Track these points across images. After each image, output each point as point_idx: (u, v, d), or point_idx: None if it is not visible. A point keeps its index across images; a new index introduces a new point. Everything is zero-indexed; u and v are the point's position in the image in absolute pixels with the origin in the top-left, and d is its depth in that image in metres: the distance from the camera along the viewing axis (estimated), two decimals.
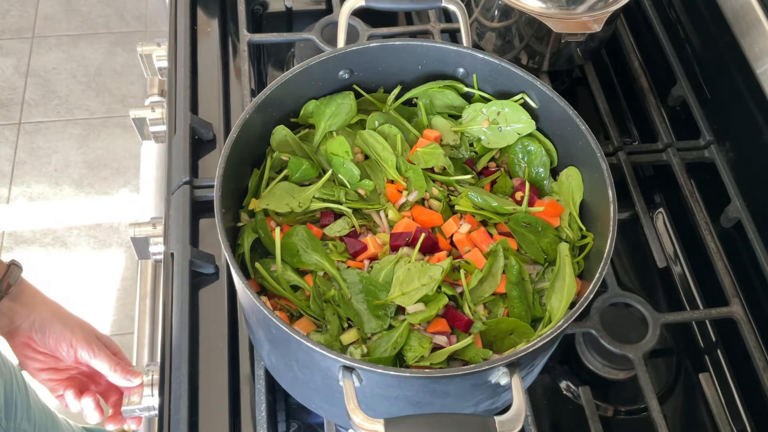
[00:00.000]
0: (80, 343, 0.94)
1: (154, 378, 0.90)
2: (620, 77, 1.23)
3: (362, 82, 0.90)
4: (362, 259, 0.80)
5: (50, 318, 0.93)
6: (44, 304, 0.94)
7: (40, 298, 0.94)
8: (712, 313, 0.96)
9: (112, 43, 2.70)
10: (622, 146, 1.08)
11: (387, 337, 0.74)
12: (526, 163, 0.87)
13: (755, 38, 0.98)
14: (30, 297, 0.93)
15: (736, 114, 1.05)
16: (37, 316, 0.92)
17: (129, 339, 2.10)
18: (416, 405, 0.70)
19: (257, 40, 1.13)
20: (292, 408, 0.90)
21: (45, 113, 2.50)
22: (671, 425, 0.92)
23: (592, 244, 0.80)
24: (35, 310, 0.92)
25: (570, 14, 1.03)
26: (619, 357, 0.90)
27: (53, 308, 0.94)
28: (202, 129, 1.04)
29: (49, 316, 0.93)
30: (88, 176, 2.37)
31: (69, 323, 0.94)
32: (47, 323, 0.93)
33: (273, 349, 0.76)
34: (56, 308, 0.95)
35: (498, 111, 0.87)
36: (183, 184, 0.98)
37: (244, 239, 0.79)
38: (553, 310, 0.77)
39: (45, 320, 0.93)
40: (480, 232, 0.81)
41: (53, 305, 0.95)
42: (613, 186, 0.75)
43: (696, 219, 1.03)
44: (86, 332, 0.95)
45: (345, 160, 0.84)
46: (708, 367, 0.99)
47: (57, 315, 0.94)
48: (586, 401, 0.89)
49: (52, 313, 0.93)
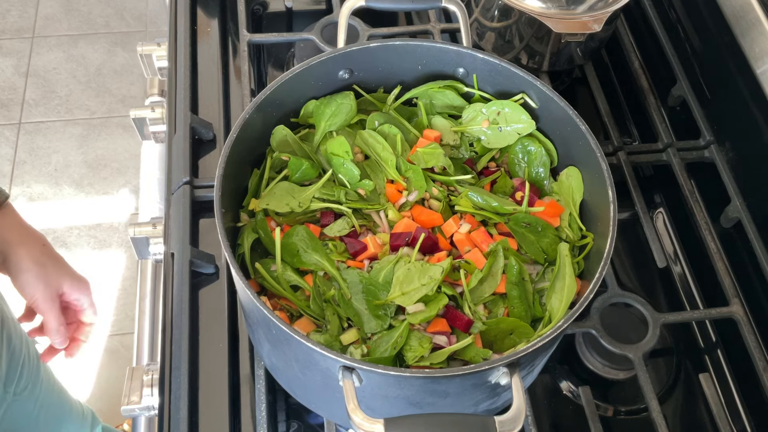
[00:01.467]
0: (39, 302, 0.94)
1: (154, 378, 0.90)
2: (620, 77, 1.23)
3: (362, 82, 0.90)
4: (362, 259, 0.80)
5: (16, 265, 0.93)
6: (20, 245, 0.93)
7: (16, 236, 0.94)
8: (712, 313, 0.96)
9: (112, 43, 2.70)
10: (622, 146, 1.08)
11: (387, 337, 0.74)
12: (526, 163, 0.87)
13: (755, 38, 0.98)
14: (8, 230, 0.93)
15: (736, 114, 1.05)
16: (11, 256, 0.92)
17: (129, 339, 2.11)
18: (416, 405, 0.70)
19: (257, 40, 1.13)
20: (292, 408, 0.90)
21: (45, 113, 2.50)
22: (671, 425, 0.92)
23: (592, 244, 0.80)
24: (10, 250, 0.92)
25: (570, 14, 1.03)
26: (619, 357, 0.90)
27: (27, 255, 0.93)
28: (202, 129, 1.04)
29: (17, 262, 0.93)
30: (88, 176, 2.37)
31: (36, 279, 0.93)
32: (12, 267, 0.93)
33: (273, 349, 0.76)
34: (26, 254, 0.94)
35: (498, 111, 0.87)
36: (183, 184, 0.98)
37: (244, 239, 0.79)
38: (553, 310, 0.77)
39: (12, 263, 0.93)
40: (480, 232, 0.81)
41: (29, 250, 0.94)
42: (613, 186, 0.75)
43: (696, 219, 1.03)
44: (51, 291, 0.95)
45: (345, 160, 0.84)
46: (708, 367, 0.99)
47: (25, 262, 0.93)
48: (586, 401, 0.89)
49: (21, 259, 0.93)
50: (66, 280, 0.97)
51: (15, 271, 0.93)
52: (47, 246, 0.97)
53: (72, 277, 0.98)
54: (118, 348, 2.05)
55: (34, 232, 0.97)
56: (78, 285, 0.98)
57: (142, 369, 0.93)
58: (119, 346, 2.06)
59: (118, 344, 2.06)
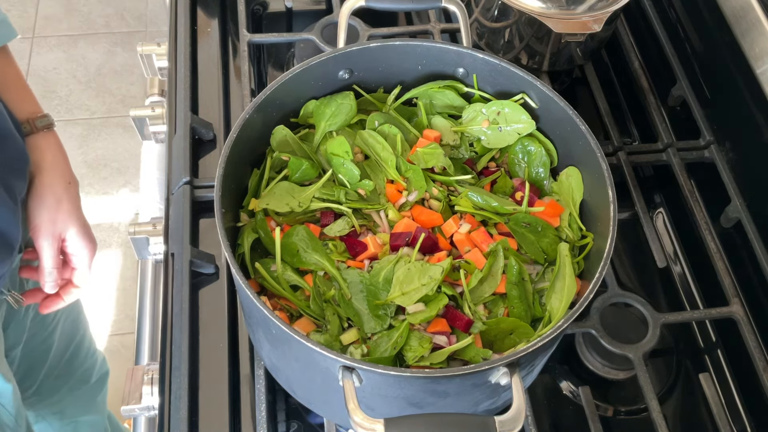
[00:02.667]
0: (40, 236, 0.93)
1: (154, 378, 0.90)
2: (620, 77, 1.23)
3: (362, 82, 0.90)
4: (362, 259, 0.80)
5: (34, 188, 0.92)
6: (47, 171, 0.93)
7: (48, 162, 0.94)
8: (712, 313, 0.96)
9: (112, 43, 2.70)
10: (622, 146, 1.08)
11: (387, 337, 0.74)
12: (526, 163, 0.87)
13: (755, 38, 0.98)
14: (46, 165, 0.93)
15: (736, 114, 1.05)
16: (35, 179, 0.92)
17: (129, 339, 2.11)
18: (416, 405, 0.70)
19: (257, 40, 1.13)
20: (292, 408, 0.90)
21: None
22: (671, 425, 0.92)
23: (592, 244, 0.80)
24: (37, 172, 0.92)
25: (570, 14, 1.03)
26: (619, 357, 0.90)
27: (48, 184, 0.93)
28: (202, 129, 1.04)
29: (36, 185, 0.92)
30: (88, 176, 2.37)
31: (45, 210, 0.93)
32: (31, 188, 0.92)
33: (273, 349, 0.76)
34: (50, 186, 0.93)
35: (498, 111, 0.87)
36: (183, 184, 0.98)
37: (244, 239, 0.79)
38: (553, 310, 0.77)
39: (34, 189, 0.92)
40: (480, 232, 0.81)
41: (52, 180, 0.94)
42: (613, 186, 0.75)
43: (696, 219, 1.03)
44: (55, 228, 0.93)
45: (345, 160, 0.84)
46: (708, 367, 0.99)
47: (42, 188, 0.93)
48: (586, 401, 0.89)
49: (41, 184, 0.93)
50: (74, 227, 0.95)
51: (31, 194, 0.92)
52: (73, 185, 0.96)
53: (82, 227, 0.96)
54: (118, 348, 2.05)
55: (67, 167, 0.97)
56: (84, 238, 0.96)
57: (142, 369, 0.93)
58: (119, 346, 2.06)
59: (118, 344, 2.06)
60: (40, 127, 0.95)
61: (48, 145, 0.96)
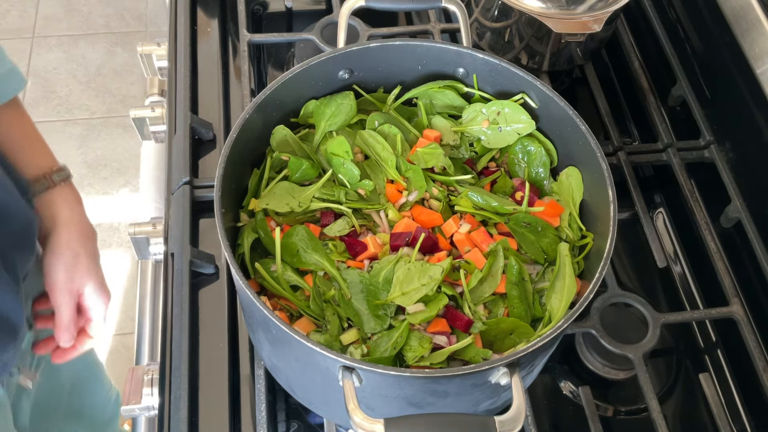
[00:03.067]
0: (57, 292, 0.91)
1: (154, 378, 0.90)
2: (620, 77, 1.23)
3: (362, 82, 0.90)
4: (362, 259, 0.80)
5: (51, 244, 0.90)
6: (64, 227, 0.91)
7: (65, 217, 0.91)
8: (712, 313, 0.96)
9: (112, 43, 2.70)
10: (622, 146, 1.08)
11: (387, 337, 0.74)
12: (526, 163, 0.87)
13: (755, 38, 0.98)
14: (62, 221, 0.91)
15: (736, 114, 1.05)
16: (52, 235, 0.90)
17: (129, 339, 2.11)
18: (416, 405, 0.70)
19: (257, 40, 1.13)
20: (292, 408, 0.90)
21: (45, 113, 2.50)
22: (671, 425, 0.92)
23: (592, 244, 0.80)
24: (53, 228, 0.90)
25: (570, 14, 1.03)
26: (619, 357, 0.90)
27: (65, 240, 0.91)
28: (202, 129, 1.04)
29: (53, 242, 0.90)
30: (88, 176, 2.37)
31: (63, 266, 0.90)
32: (48, 244, 0.90)
33: (273, 350, 0.76)
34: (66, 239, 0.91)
35: (498, 111, 0.87)
36: (183, 184, 0.98)
37: (244, 239, 0.79)
38: (553, 310, 0.77)
39: (49, 240, 0.90)
40: (480, 232, 0.81)
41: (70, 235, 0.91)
42: (613, 186, 0.75)
43: (696, 219, 1.03)
44: (72, 285, 0.91)
45: (345, 160, 0.84)
46: (708, 367, 0.99)
47: (60, 246, 0.90)
48: (586, 401, 0.89)
49: (57, 241, 0.90)
50: (92, 282, 0.93)
51: (48, 251, 0.91)
52: (91, 240, 0.95)
53: (99, 282, 0.95)
54: (118, 348, 2.05)
55: (85, 221, 0.94)
56: (100, 293, 0.95)
57: (142, 369, 0.93)
58: (119, 346, 2.05)
59: (118, 344, 2.06)
60: (58, 181, 0.92)
61: (65, 200, 0.93)
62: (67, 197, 0.93)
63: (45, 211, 0.91)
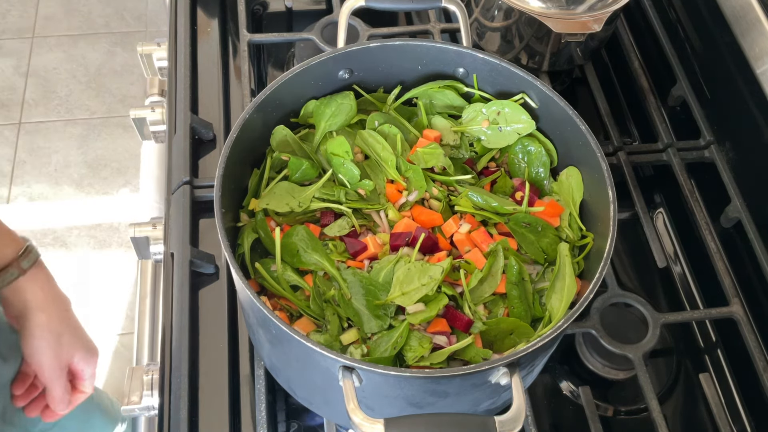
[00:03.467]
0: (46, 372, 0.89)
1: (154, 378, 0.90)
2: (620, 77, 1.23)
3: (362, 82, 0.90)
4: (362, 259, 0.80)
5: (30, 331, 0.87)
6: (41, 310, 0.87)
7: (39, 301, 0.88)
8: (712, 313, 0.96)
9: (112, 43, 2.70)
10: (622, 146, 1.08)
11: (387, 337, 0.74)
12: (526, 163, 0.87)
13: (755, 38, 0.98)
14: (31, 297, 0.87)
15: (736, 114, 1.05)
16: (28, 320, 0.87)
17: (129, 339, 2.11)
18: (416, 405, 0.70)
19: (257, 40, 1.13)
20: (292, 408, 0.90)
21: (45, 113, 2.50)
22: (671, 425, 0.92)
23: (592, 244, 0.80)
24: (29, 313, 0.87)
25: (570, 14, 1.03)
26: (619, 357, 0.90)
27: (45, 323, 0.87)
28: (202, 129, 1.04)
29: (32, 328, 0.87)
30: (88, 176, 2.37)
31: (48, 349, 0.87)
32: (26, 332, 0.87)
33: (273, 349, 0.76)
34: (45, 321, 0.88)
35: (498, 111, 0.87)
36: (183, 184, 0.98)
37: (244, 239, 0.79)
38: (553, 310, 0.77)
39: (27, 328, 0.87)
40: (480, 232, 0.81)
41: (49, 317, 0.88)
42: (613, 186, 0.75)
43: (696, 219, 1.03)
44: (61, 362, 0.89)
45: (345, 160, 0.84)
46: (708, 367, 0.99)
47: (40, 329, 0.87)
48: (586, 401, 0.89)
49: (36, 325, 0.87)
50: (79, 352, 0.91)
51: (28, 336, 0.87)
52: (69, 312, 0.91)
53: (85, 348, 0.92)
54: (119, 348, 2.05)
55: (60, 295, 0.90)
56: (88, 357, 0.93)
57: (142, 369, 0.93)
58: (119, 346, 2.05)
59: (118, 344, 2.06)
60: (27, 267, 0.86)
61: (38, 282, 0.88)
62: (38, 279, 0.88)
63: (16, 297, 0.87)
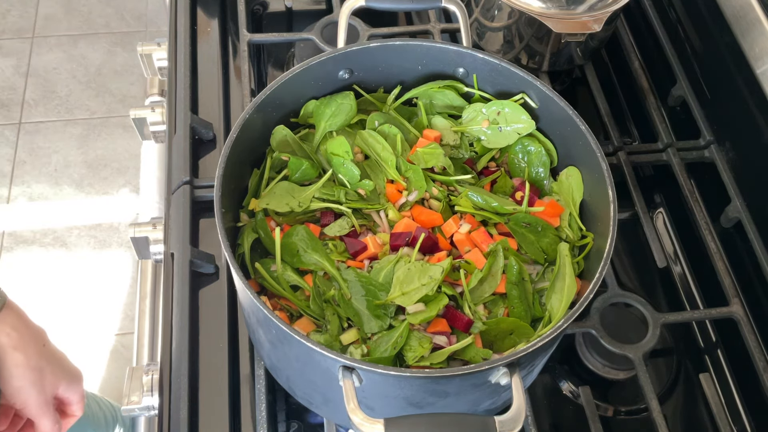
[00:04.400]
0: (33, 408, 0.84)
1: (154, 378, 0.90)
2: (620, 77, 1.23)
3: (362, 82, 0.90)
4: (362, 259, 0.80)
5: (9, 372, 0.82)
6: (17, 350, 0.83)
7: (14, 340, 0.83)
8: (712, 313, 0.96)
9: (112, 43, 2.70)
10: (622, 146, 1.08)
11: (387, 337, 0.74)
12: (526, 163, 0.87)
13: (755, 38, 0.98)
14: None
15: (736, 114, 1.05)
16: (5, 362, 0.82)
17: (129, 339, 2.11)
18: (416, 405, 0.70)
19: (257, 40, 1.13)
20: (292, 408, 0.90)
21: (45, 113, 2.50)
22: (671, 425, 0.92)
23: (592, 244, 0.80)
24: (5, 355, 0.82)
25: (570, 14, 1.03)
26: (619, 357, 0.90)
27: (23, 362, 0.83)
28: (202, 129, 1.04)
29: (10, 369, 0.82)
30: (88, 176, 2.37)
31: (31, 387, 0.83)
32: (4, 374, 0.82)
33: (273, 349, 0.76)
34: (22, 360, 0.83)
35: (498, 111, 0.87)
36: (183, 184, 0.98)
37: (244, 239, 0.79)
38: (553, 310, 0.77)
39: (3, 369, 0.82)
40: (480, 232, 0.81)
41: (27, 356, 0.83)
42: (613, 186, 0.75)
43: (696, 219, 1.03)
44: (46, 396, 0.85)
45: (345, 160, 0.84)
46: (708, 367, 0.99)
47: (19, 369, 0.83)
48: (586, 401, 0.89)
49: (14, 365, 0.82)
50: (62, 382, 0.87)
51: (9, 378, 0.82)
52: (47, 345, 0.87)
53: (69, 376, 0.89)
54: (119, 348, 2.05)
55: (35, 330, 0.86)
56: (73, 385, 0.90)
57: (142, 369, 0.93)
58: (119, 346, 2.06)
59: (118, 344, 2.06)
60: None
61: (10, 323, 0.83)
62: (9, 320, 0.83)
63: None
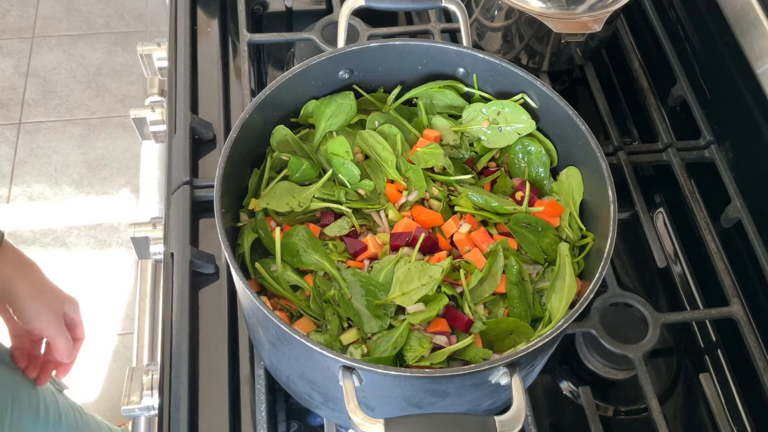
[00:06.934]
0: (49, 330, 0.95)
1: (154, 378, 0.90)
2: (620, 77, 1.23)
3: (362, 82, 0.90)
4: (362, 259, 0.80)
5: (22, 299, 0.92)
6: (21, 280, 0.93)
7: (17, 272, 0.93)
8: (712, 313, 0.96)
9: (112, 43, 2.70)
10: (622, 146, 1.08)
11: (387, 337, 0.74)
12: (526, 163, 0.87)
13: (755, 38, 0.98)
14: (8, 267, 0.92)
15: (736, 114, 1.05)
16: (14, 292, 0.92)
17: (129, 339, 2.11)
18: (416, 405, 0.70)
19: (257, 40, 1.13)
20: (292, 408, 0.90)
21: (45, 113, 2.50)
22: (671, 425, 0.92)
23: (592, 244, 0.80)
24: (12, 285, 0.92)
25: (570, 14, 1.03)
26: (619, 357, 0.90)
27: (30, 289, 0.93)
28: (202, 129, 1.04)
29: (22, 296, 0.92)
30: (88, 176, 2.37)
31: (44, 310, 0.94)
32: (18, 302, 0.92)
33: (273, 349, 0.76)
34: (30, 287, 0.94)
35: (498, 111, 0.87)
36: (183, 184, 0.98)
37: (244, 239, 0.79)
38: (553, 310, 0.77)
39: (17, 298, 0.92)
40: (480, 232, 0.81)
41: (32, 283, 0.94)
42: (613, 186, 0.75)
43: (696, 219, 1.03)
44: (56, 316, 0.96)
45: (345, 160, 0.84)
46: (708, 367, 0.99)
47: (30, 295, 0.93)
48: (586, 401, 0.89)
49: (25, 293, 0.93)
50: (65, 303, 0.98)
51: (22, 304, 0.93)
52: (42, 273, 0.98)
53: (68, 298, 0.99)
54: (119, 348, 2.05)
55: (30, 261, 0.97)
56: (74, 305, 1.00)
57: (142, 369, 0.93)
58: (119, 346, 2.06)
59: (118, 344, 2.06)
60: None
61: (10, 257, 0.93)
62: (9, 254, 0.93)
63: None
